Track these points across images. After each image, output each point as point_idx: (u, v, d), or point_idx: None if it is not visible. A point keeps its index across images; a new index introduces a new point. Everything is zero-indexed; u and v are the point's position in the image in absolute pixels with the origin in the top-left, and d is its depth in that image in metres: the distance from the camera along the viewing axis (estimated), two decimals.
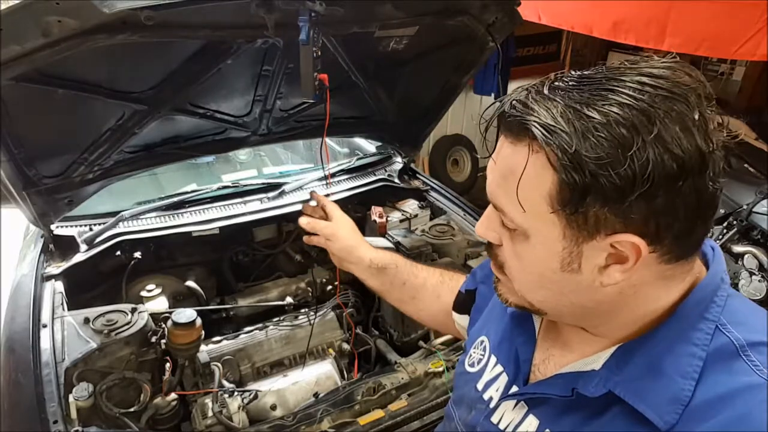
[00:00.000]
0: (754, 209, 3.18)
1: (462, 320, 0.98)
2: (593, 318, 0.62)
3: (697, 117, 0.49)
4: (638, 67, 0.52)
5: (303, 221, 1.12)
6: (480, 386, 0.79)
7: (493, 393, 0.76)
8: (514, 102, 0.55)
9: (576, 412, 0.62)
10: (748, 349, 0.54)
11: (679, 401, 0.53)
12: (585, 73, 0.55)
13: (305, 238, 1.16)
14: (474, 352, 0.84)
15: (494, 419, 0.73)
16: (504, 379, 0.75)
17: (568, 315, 0.64)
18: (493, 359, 0.79)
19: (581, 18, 3.17)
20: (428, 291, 1.07)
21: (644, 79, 0.50)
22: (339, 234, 1.11)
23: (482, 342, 0.84)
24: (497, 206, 0.60)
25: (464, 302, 0.97)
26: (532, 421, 0.67)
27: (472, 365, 0.83)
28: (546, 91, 0.53)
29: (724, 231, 3.28)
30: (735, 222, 3.25)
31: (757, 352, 0.54)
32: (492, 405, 0.75)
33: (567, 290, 0.59)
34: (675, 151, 0.47)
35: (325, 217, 1.15)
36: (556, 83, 0.54)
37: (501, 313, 0.81)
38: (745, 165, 3.52)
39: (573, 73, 0.55)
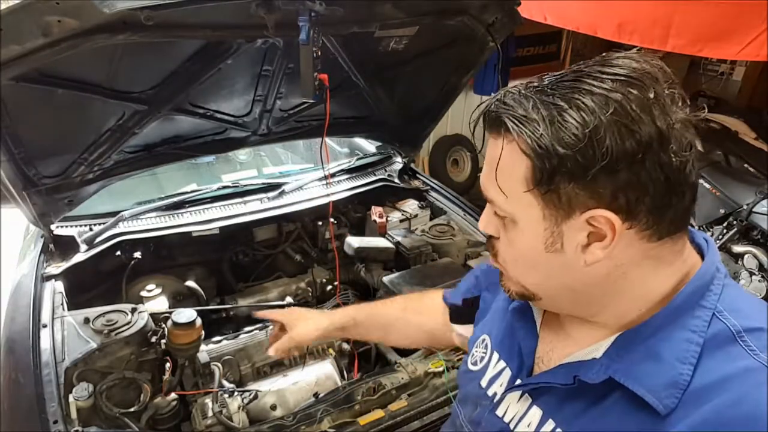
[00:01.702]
0: (754, 209, 3.18)
1: (466, 330, 0.99)
2: (588, 304, 0.64)
3: (652, 96, 0.53)
4: (603, 60, 0.58)
5: (272, 353, 1.16)
6: (484, 383, 0.80)
7: (497, 388, 0.77)
8: (495, 102, 0.60)
9: (578, 400, 0.64)
10: (745, 335, 0.55)
11: (677, 386, 0.55)
12: (562, 72, 0.59)
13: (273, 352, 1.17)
14: (476, 351, 0.86)
15: (499, 412, 0.75)
16: (507, 374, 0.77)
17: (562, 300, 0.66)
18: (496, 356, 0.81)
19: (586, 19, 3.17)
20: (398, 323, 1.13)
21: (605, 69, 0.56)
22: (300, 335, 1.14)
23: (484, 340, 0.85)
24: (487, 198, 0.65)
25: (466, 312, 0.99)
26: (536, 412, 0.69)
27: (474, 363, 0.84)
28: (523, 90, 0.59)
29: (724, 231, 3.28)
30: (735, 222, 3.25)
31: (754, 337, 0.55)
32: (496, 399, 0.76)
33: (555, 271, 0.62)
34: (632, 128, 0.52)
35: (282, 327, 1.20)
36: (535, 84, 0.59)
37: (502, 312, 0.83)
38: (745, 165, 3.52)
39: (553, 73, 0.60)
